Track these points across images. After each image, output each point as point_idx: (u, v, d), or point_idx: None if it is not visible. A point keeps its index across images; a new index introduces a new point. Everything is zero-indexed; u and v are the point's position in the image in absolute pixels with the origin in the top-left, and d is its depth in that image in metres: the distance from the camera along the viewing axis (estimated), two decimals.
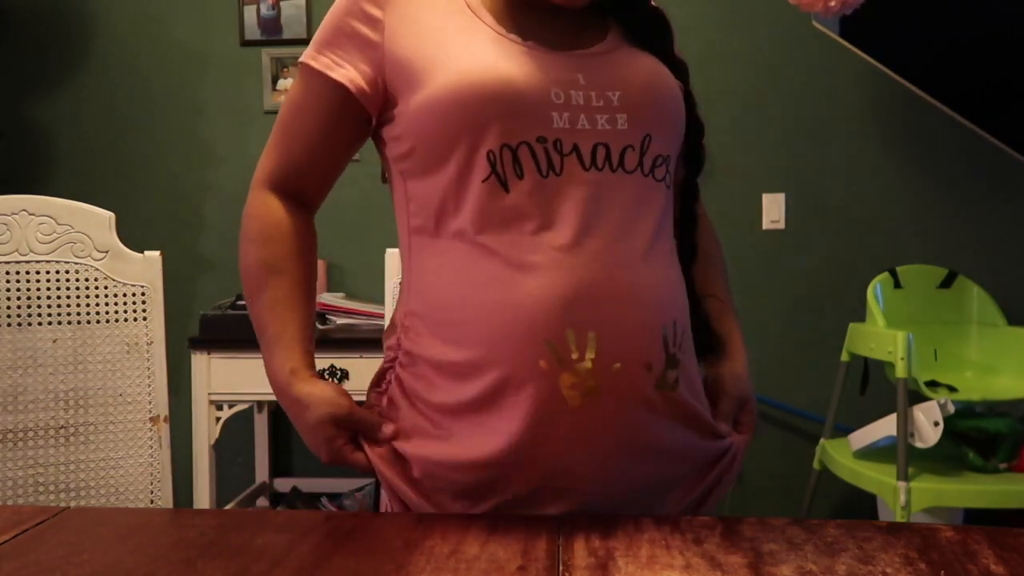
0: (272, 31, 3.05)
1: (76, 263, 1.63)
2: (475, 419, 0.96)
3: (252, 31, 3.06)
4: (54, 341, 1.61)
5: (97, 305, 1.64)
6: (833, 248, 3.02)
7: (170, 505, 1.67)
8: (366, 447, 1.03)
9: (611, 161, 0.96)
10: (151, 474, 1.66)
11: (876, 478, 2.33)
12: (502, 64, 0.95)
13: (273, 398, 1.12)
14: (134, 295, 1.66)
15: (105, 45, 3.17)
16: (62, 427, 1.61)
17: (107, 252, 1.64)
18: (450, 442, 0.98)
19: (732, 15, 3.01)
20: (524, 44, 0.98)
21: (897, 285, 2.75)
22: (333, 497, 2.98)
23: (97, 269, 1.63)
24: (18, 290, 1.60)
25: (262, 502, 3.06)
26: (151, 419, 1.65)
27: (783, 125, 3.02)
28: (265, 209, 1.09)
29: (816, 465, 2.68)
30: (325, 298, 2.76)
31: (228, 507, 2.79)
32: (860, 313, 2.72)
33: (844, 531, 0.96)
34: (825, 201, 3.02)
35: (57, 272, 1.62)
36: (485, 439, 0.96)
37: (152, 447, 1.66)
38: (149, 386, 1.66)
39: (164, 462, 1.66)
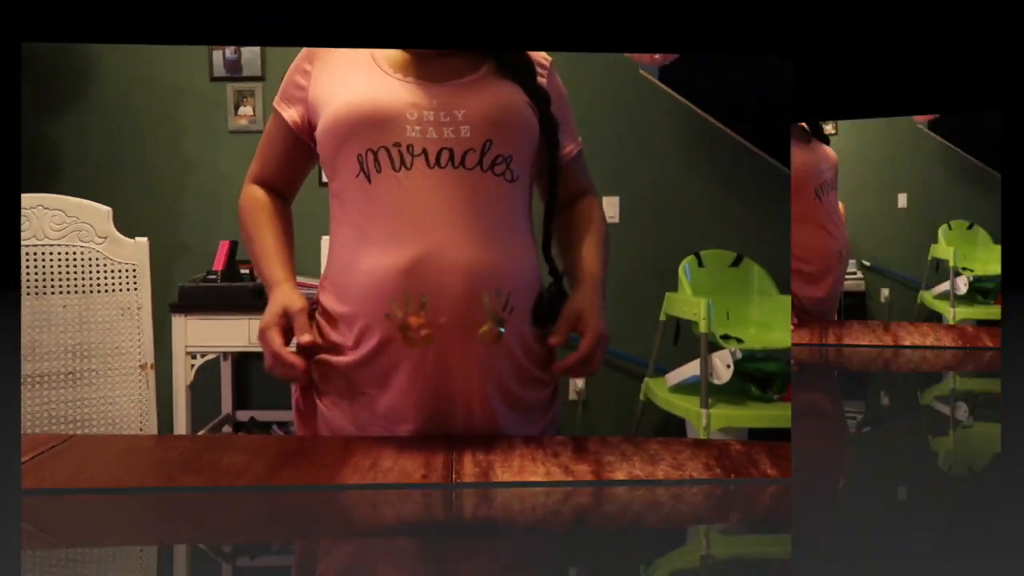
0: (234, 70, 3.16)
1: (81, 247, 1.66)
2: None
3: (219, 70, 3.17)
4: (64, 307, 1.64)
5: (98, 279, 1.67)
6: (655, 237, 3.17)
7: (155, 432, 1.69)
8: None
9: (453, 161, 1.00)
10: (140, 409, 1.69)
11: (685, 406, 2.46)
12: (372, 93, 1.00)
13: (236, 350, 1.20)
14: (127, 271, 1.70)
15: (105, 81, 3.21)
16: (70, 373, 1.64)
17: (106, 238, 1.68)
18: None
19: (573, 65, 3.16)
20: (404, 80, 1.02)
21: (700, 264, 2.92)
22: (282, 424, 3.03)
23: (98, 251, 1.67)
24: (36, 267, 1.62)
25: (227, 429, 3.07)
26: (140, 366, 1.70)
27: (618, 146, 3.17)
28: (250, 196, 1.16)
29: (642, 397, 2.81)
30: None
31: (200, 433, 2.78)
32: (674, 284, 2.87)
33: (662, 446, 1.01)
34: (648, 203, 3.17)
35: (66, 253, 1.65)
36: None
37: (141, 388, 1.69)
38: (139, 341, 1.70)
39: (150, 399, 1.69)
